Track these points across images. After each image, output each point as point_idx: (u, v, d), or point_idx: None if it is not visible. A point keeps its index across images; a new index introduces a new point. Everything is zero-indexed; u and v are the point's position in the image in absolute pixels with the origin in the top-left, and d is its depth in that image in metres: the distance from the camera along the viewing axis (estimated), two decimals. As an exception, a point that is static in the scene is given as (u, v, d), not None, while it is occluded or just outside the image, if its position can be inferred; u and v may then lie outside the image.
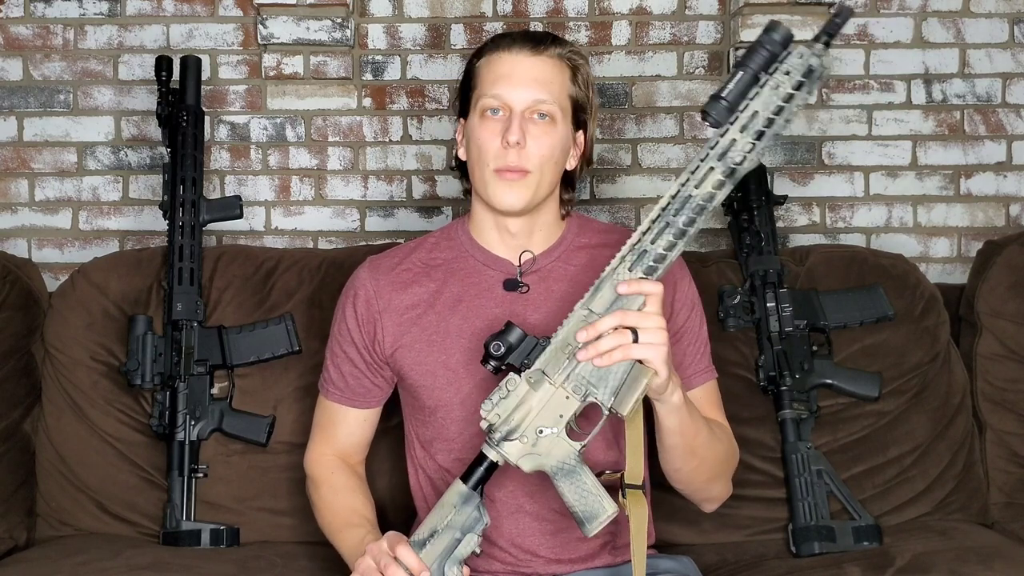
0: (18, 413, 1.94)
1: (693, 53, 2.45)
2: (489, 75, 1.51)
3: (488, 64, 1.52)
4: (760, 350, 1.93)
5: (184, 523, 1.85)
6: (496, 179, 1.49)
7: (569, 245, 1.59)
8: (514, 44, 1.51)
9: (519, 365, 1.34)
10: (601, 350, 1.29)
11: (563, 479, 1.33)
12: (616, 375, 1.31)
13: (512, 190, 1.49)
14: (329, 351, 1.64)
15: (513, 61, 1.50)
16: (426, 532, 1.34)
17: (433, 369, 1.54)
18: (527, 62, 1.50)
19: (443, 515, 1.34)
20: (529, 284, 1.55)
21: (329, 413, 1.64)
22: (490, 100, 1.49)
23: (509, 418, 1.33)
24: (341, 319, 1.61)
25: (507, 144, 1.47)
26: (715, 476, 1.54)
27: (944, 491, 1.92)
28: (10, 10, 2.42)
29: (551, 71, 1.50)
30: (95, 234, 2.42)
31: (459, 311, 1.55)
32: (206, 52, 2.40)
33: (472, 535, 1.34)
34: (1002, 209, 2.45)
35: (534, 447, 1.33)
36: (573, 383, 1.32)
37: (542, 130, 1.49)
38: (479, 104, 1.51)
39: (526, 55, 1.50)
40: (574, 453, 1.33)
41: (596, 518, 1.33)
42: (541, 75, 1.50)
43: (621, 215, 2.43)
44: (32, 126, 2.42)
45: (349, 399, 1.62)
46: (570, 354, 1.32)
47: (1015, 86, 2.44)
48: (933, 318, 2.00)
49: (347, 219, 2.44)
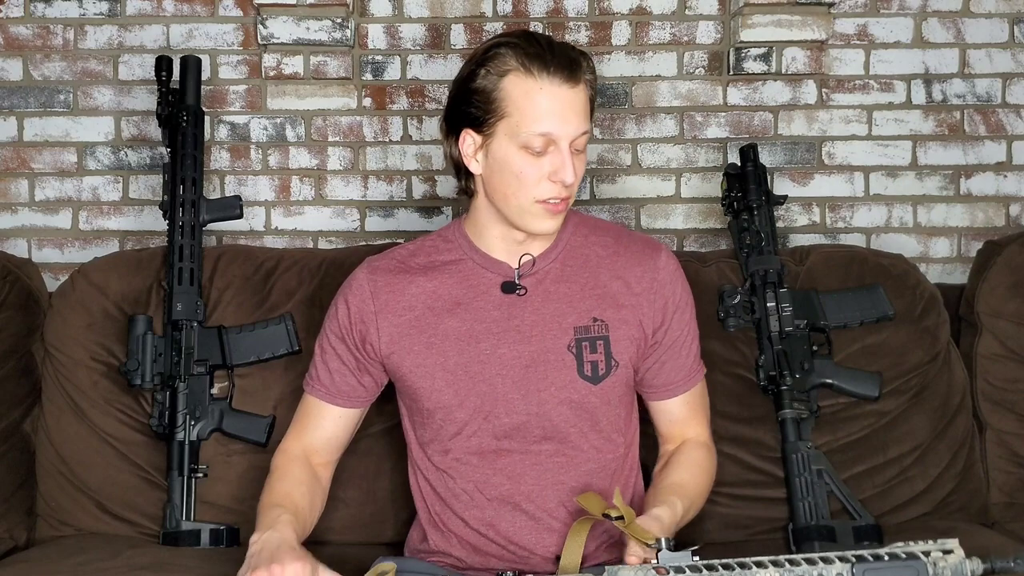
0: (18, 413, 1.94)
1: (693, 53, 2.45)
2: (529, 107, 1.42)
3: (523, 90, 1.42)
4: (760, 350, 1.93)
5: (184, 523, 1.85)
6: (541, 210, 1.47)
7: (566, 245, 1.59)
8: (548, 69, 1.42)
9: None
10: None
11: None
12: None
13: (555, 219, 1.49)
14: (318, 347, 1.63)
15: (554, 94, 1.42)
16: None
17: (431, 371, 1.54)
18: (568, 95, 1.43)
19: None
20: (527, 287, 1.55)
21: (308, 408, 1.64)
22: (539, 140, 1.43)
23: None
24: (333, 316, 1.61)
25: (560, 183, 1.44)
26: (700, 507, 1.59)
27: (944, 491, 1.92)
28: (10, 10, 2.42)
29: (585, 100, 1.46)
30: (95, 234, 2.42)
31: (457, 313, 1.55)
32: (206, 52, 2.40)
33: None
34: (1002, 209, 2.45)
35: None
36: None
37: (580, 160, 1.47)
38: (520, 138, 1.43)
39: (567, 88, 1.43)
40: None
41: None
42: (582, 107, 1.45)
43: (621, 215, 2.43)
44: (32, 126, 2.42)
45: (331, 396, 1.62)
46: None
47: (1015, 86, 2.44)
48: (933, 318, 2.00)
49: (347, 219, 2.44)
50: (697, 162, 2.44)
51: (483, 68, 1.45)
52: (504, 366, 1.52)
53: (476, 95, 1.46)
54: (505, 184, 1.47)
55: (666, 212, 2.44)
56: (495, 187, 1.49)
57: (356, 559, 1.73)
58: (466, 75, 1.48)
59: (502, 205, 1.50)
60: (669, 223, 2.44)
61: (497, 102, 1.44)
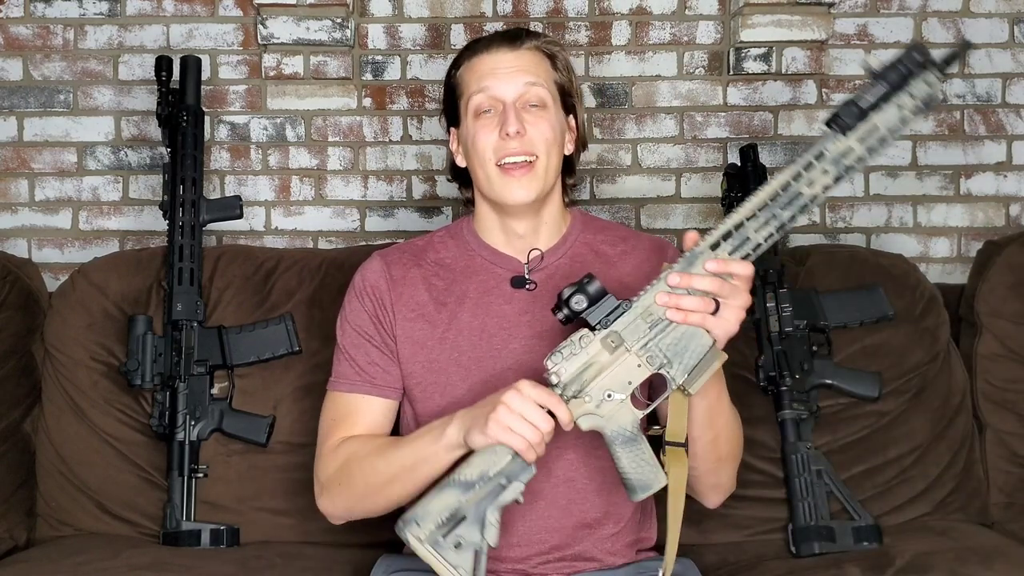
0: (18, 413, 1.94)
1: (693, 53, 2.45)
2: (473, 77, 1.54)
3: (470, 68, 1.55)
4: (760, 350, 1.93)
5: (184, 523, 1.85)
6: (501, 176, 1.50)
7: (575, 241, 1.60)
8: (491, 44, 1.55)
9: (594, 324, 1.32)
10: (683, 306, 1.29)
11: (621, 446, 1.32)
12: (694, 354, 1.31)
13: (520, 184, 1.50)
14: (346, 343, 1.57)
15: (494, 59, 1.53)
16: (475, 474, 1.30)
17: (445, 366, 1.53)
18: (508, 56, 1.53)
19: (493, 461, 1.30)
20: (537, 281, 1.56)
21: (347, 407, 1.55)
22: (480, 98, 1.52)
23: (579, 376, 1.31)
24: (358, 306, 1.57)
25: (507, 136, 1.48)
26: (726, 457, 1.51)
27: (944, 491, 1.92)
28: (10, 10, 2.42)
29: (532, 61, 1.54)
30: (95, 234, 2.42)
31: (467, 308, 1.55)
32: (206, 52, 2.40)
33: (518, 483, 1.30)
34: (1002, 209, 2.45)
35: (597, 408, 1.32)
36: (649, 353, 1.31)
37: (537, 116, 1.52)
38: (470, 106, 1.53)
39: (505, 51, 1.53)
40: (635, 421, 1.33)
41: (649, 488, 1.33)
42: (524, 65, 1.53)
43: (621, 215, 2.43)
44: (32, 126, 2.42)
45: (376, 387, 1.55)
46: (652, 323, 1.31)
47: (1015, 86, 2.44)
48: (933, 318, 2.00)
49: (347, 219, 2.44)
50: (697, 162, 2.44)
51: (452, 68, 1.59)
52: (516, 360, 1.52)
53: (447, 92, 1.61)
54: (473, 159, 1.54)
55: (666, 212, 2.44)
56: (472, 169, 1.56)
57: (356, 559, 1.73)
58: (445, 80, 1.62)
59: (480, 183, 1.55)
60: (669, 223, 2.44)
61: (457, 87, 1.57)
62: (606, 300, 1.32)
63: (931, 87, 1.27)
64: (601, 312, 1.32)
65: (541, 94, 1.52)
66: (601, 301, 1.32)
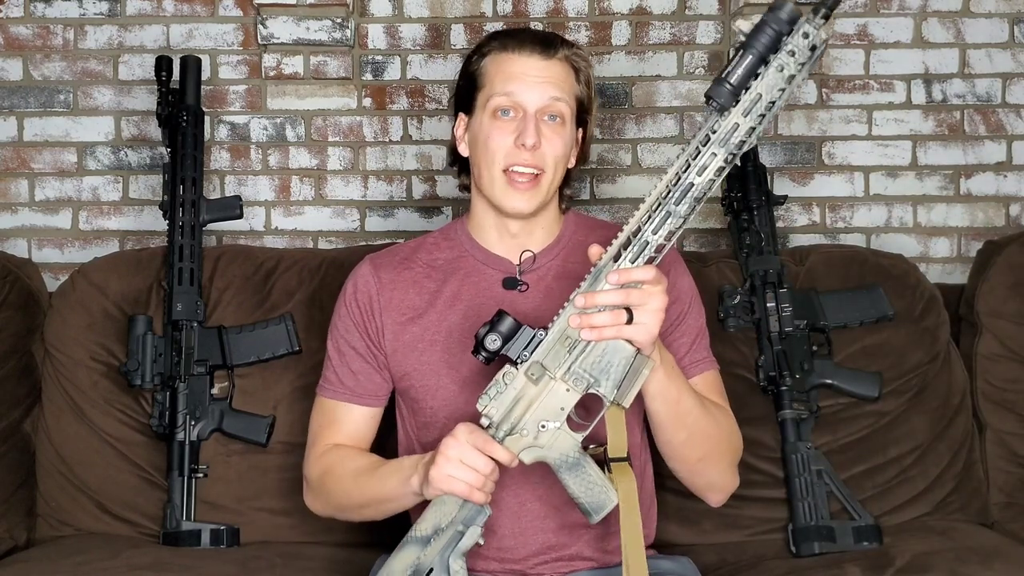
0: (18, 413, 1.94)
1: (693, 53, 2.45)
2: (499, 74, 1.50)
3: (497, 63, 1.51)
4: (760, 350, 1.93)
5: (184, 523, 1.85)
6: (506, 183, 1.50)
7: (568, 243, 1.59)
8: (523, 45, 1.51)
9: (516, 358, 1.32)
10: (595, 324, 1.29)
11: (567, 472, 1.33)
12: (619, 367, 1.30)
13: (523, 197, 1.50)
14: (334, 350, 1.61)
15: (525, 62, 1.50)
16: (429, 528, 1.33)
17: (436, 368, 1.54)
18: (539, 64, 1.50)
19: (444, 512, 1.32)
20: (528, 283, 1.56)
21: (332, 413, 1.60)
22: (502, 100, 1.49)
23: (509, 414, 1.32)
24: (345, 315, 1.59)
25: (522, 147, 1.47)
26: (708, 455, 1.50)
27: (944, 491, 1.92)
28: (10, 10, 2.42)
29: (561, 72, 1.51)
30: (95, 234, 2.42)
31: (458, 310, 1.55)
32: (206, 52, 2.40)
33: (475, 527, 1.32)
34: (1002, 209, 2.45)
35: (535, 440, 1.33)
36: (574, 376, 1.32)
37: (554, 131, 1.50)
38: (490, 104, 1.50)
39: (537, 58, 1.50)
40: (576, 445, 1.33)
41: (603, 508, 1.33)
42: (553, 77, 1.50)
43: (621, 215, 2.43)
44: (32, 126, 2.42)
45: (357, 396, 1.59)
46: (570, 346, 1.31)
47: (1015, 86, 2.44)
48: (933, 318, 2.00)
49: (347, 219, 2.44)
50: (697, 162, 2.44)
51: (475, 55, 1.56)
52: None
53: (464, 78, 1.57)
54: (479, 156, 1.53)
55: (666, 212, 2.43)
56: (475, 163, 1.55)
57: (356, 559, 1.73)
58: (463, 64, 1.59)
59: (481, 180, 1.53)
60: (669, 223, 2.43)
61: (478, 78, 1.54)
62: (522, 333, 1.32)
63: (810, 37, 1.21)
64: (519, 346, 1.32)
65: (562, 109, 1.51)
66: (517, 335, 1.32)
